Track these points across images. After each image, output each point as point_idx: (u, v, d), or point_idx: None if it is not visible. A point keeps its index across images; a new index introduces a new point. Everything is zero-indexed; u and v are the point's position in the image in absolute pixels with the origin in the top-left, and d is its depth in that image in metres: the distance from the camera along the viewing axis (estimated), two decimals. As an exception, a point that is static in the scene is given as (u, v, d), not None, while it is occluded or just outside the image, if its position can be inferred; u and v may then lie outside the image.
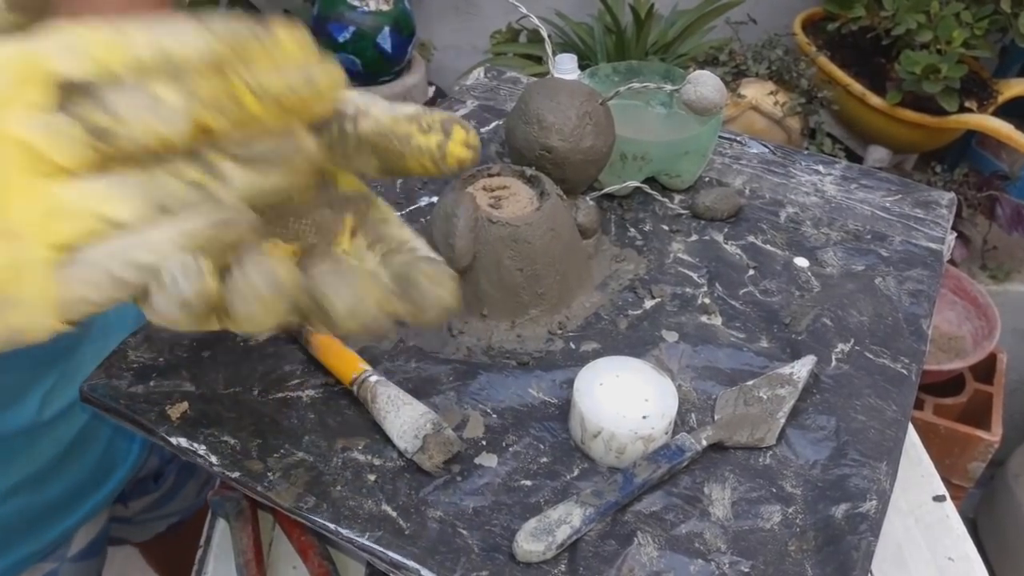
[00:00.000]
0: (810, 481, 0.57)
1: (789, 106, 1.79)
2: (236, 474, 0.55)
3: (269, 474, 0.55)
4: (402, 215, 0.79)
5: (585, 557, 0.52)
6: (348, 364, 0.60)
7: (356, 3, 1.89)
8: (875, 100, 1.77)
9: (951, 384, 1.74)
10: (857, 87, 1.79)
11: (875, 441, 0.60)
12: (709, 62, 1.86)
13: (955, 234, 0.81)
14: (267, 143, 0.30)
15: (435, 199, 0.80)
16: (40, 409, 0.69)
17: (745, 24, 1.98)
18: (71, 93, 0.29)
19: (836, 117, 1.88)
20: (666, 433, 0.57)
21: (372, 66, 1.94)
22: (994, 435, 1.64)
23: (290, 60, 0.30)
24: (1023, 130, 1.66)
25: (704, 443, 0.58)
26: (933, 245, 0.79)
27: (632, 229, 0.79)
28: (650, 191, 0.78)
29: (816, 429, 0.61)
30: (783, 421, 0.60)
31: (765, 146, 0.92)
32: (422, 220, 0.79)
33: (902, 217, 0.83)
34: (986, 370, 1.75)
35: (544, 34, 0.74)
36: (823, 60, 1.84)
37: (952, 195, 0.85)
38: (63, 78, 0.29)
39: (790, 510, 0.55)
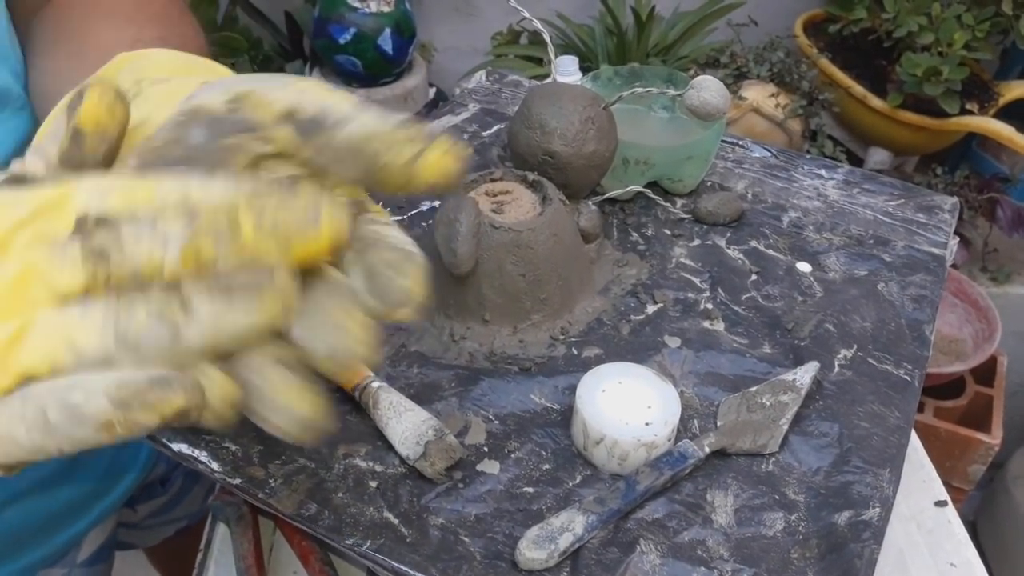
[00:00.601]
0: (813, 488, 0.57)
1: (790, 108, 1.79)
2: (237, 481, 0.55)
3: (271, 481, 0.55)
4: (404, 219, 0.79)
5: (587, 565, 0.52)
6: (350, 370, 0.60)
7: (357, 4, 1.89)
8: (876, 102, 1.77)
9: (951, 387, 1.74)
10: (858, 89, 1.79)
11: (878, 448, 0.60)
12: (710, 64, 1.86)
13: (957, 239, 0.81)
14: (246, 275, 0.29)
15: (437, 203, 0.80)
16: None
17: (746, 26, 1.98)
18: (90, 227, 0.30)
19: (837, 119, 1.88)
20: (669, 440, 0.57)
21: (373, 67, 1.94)
22: (994, 438, 1.64)
23: (300, 199, 0.30)
24: (1024, 132, 1.66)
25: (707, 450, 0.58)
26: (936, 250, 0.79)
27: (634, 234, 0.79)
28: (652, 196, 0.78)
29: (819, 436, 0.61)
30: (786, 428, 0.60)
31: (768, 150, 0.91)
32: (424, 224, 0.78)
33: (904, 222, 0.83)
34: (987, 373, 1.75)
35: (546, 37, 0.74)
36: (824, 62, 1.83)
37: (955, 199, 0.85)
38: (83, 213, 0.30)
39: (793, 517, 0.55)
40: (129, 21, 0.57)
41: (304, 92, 0.36)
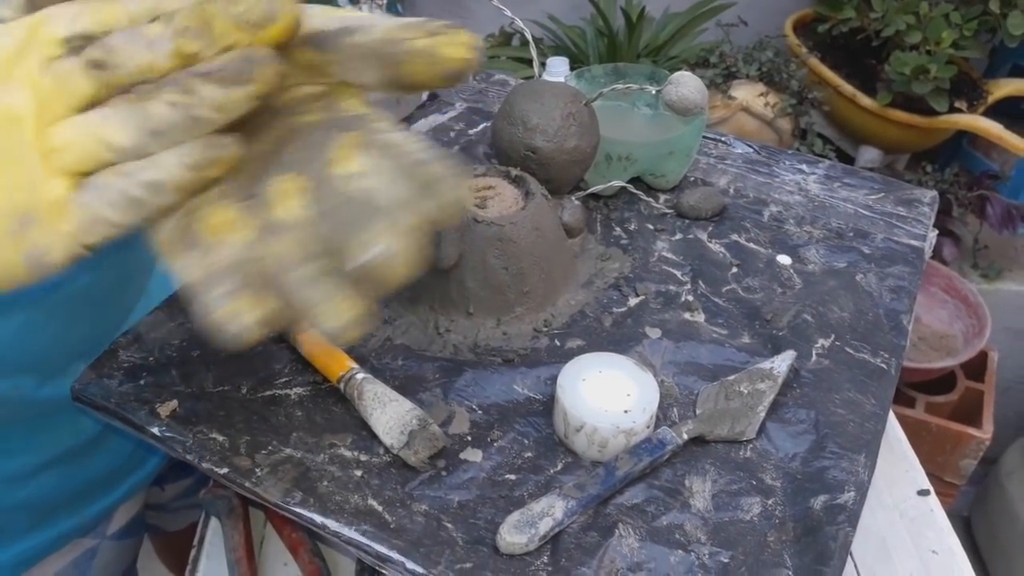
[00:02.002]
0: (789, 473, 0.58)
1: (780, 107, 1.80)
2: (224, 470, 0.56)
3: (257, 470, 0.56)
4: None
5: (567, 549, 0.53)
6: (335, 362, 0.61)
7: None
8: (866, 101, 1.78)
9: (942, 382, 1.75)
10: (848, 88, 1.80)
11: (854, 434, 0.61)
12: (700, 64, 1.87)
13: (936, 231, 0.83)
14: (229, 57, 0.33)
15: None
16: None
17: (736, 26, 1.99)
18: (77, 45, 0.34)
19: (827, 118, 1.89)
20: (648, 427, 0.58)
21: None
22: (985, 432, 1.65)
23: None
24: (1013, 130, 1.68)
25: (685, 437, 0.59)
26: (915, 242, 0.80)
27: (617, 228, 0.80)
28: (635, 191, 0.79)
29: (795, 423, 0.62)
30: (763, 415, 0.61)
31: (750, 146, 0.93)
32: None
33: (884, 215, 0.84)
34: (977, 368, 1.77)
35: (529, 37, 0.75)
36: (814, 61, 1.85)
37: (934, 193, 0.86)
38: (66, 35, 0.34)
39: (769, 502, 0.56)
40: None
41: (325, 12, 0.41)
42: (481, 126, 0.96)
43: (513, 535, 0.52)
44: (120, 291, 0.74)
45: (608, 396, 0.58)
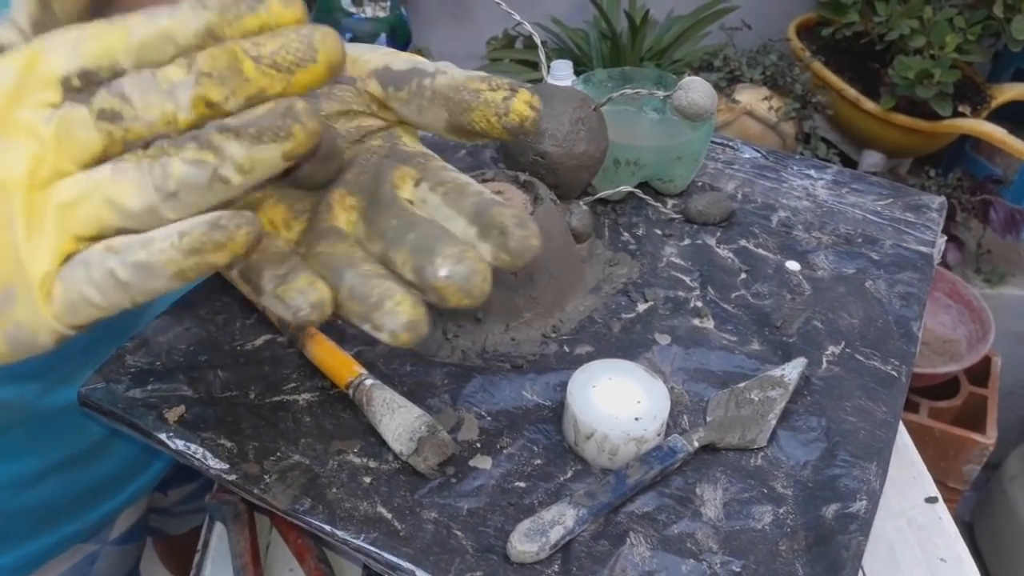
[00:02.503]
0: (800, 482, 0.58)
1: (783, 111, 1.80)
2: (233, 477, 0.56)
3: (265, 477, 0.56)
4: None
5: (578, 557, 0.53)
6: (344, 368, 0.61)
7: (352, 10, 1.90)
8: (869, 105, 1.78)
9: (946, 387, 1.75)
10: (851, 92, 1.80)
11: (865, 442, 0.61)
12: (704, 68, 1.87)
13: (945, 237, 0.82)
14: (263, 112, 0.31)
15: None
16: None
17: (739, 30, 1.99)
18: (76, 85, 0.30)
19: (830, 122, 1.89)
20: (658, 435, 0.58)
21: None
22: (989, 438, 1.65)
23: (286, 27, 0.32)
24: (1016, 134, 1.67)
25: (696, 444, 0.58)
26: (923, 248, 0.80)
27: (625, 233, 0.80)
28: (643, 196, 0.79)
29: (806, 430, 0.61)
30: (774, 423, 0.61)
31: (757, 151, 0.93)
32: None
33: (893, 221, 0.84)
34: (980, 373, 1.76)
35: (537, 41, 0.75)
36: (817, 65, 1.85)
37: (943, 199, 0.86)
38: (64, 72, 0.30)
39: (781, 510, 0.56)
40: None
41: (393, 54, 0.40)
42: None
43: (524, 543, 0.52)
44: None
45: (618, 403, 0.58)
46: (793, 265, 0.77)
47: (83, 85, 0.30)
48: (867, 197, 0.87)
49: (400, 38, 1.98)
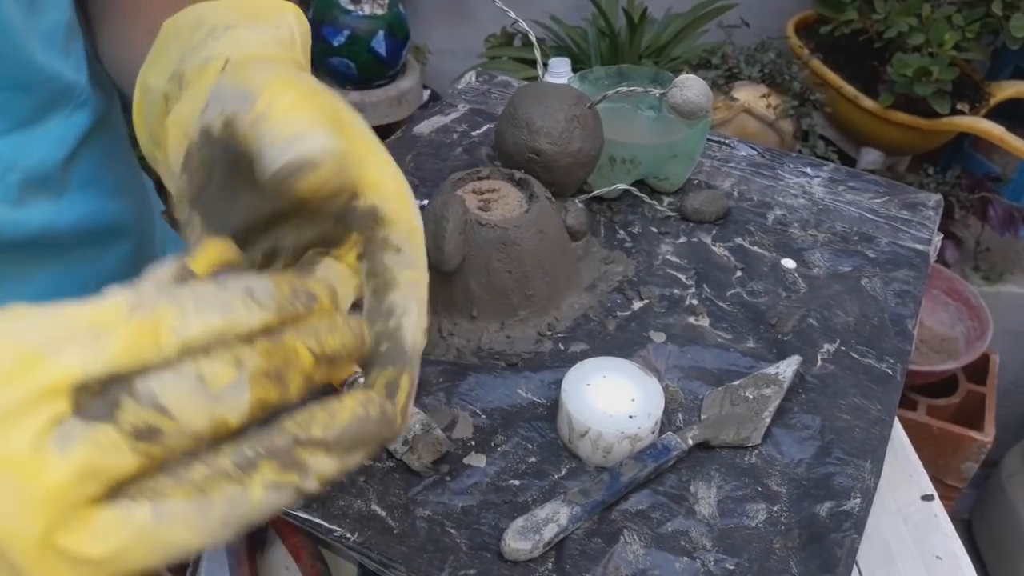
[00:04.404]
0: (795, 479, 0.58)
1: (782, 109, 1.80)
2: None
3: None
4: None
5: (572, 555, 0.53)
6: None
7: (351, 7, 1.90)
8: (867, 102, 1.78)
9: (944, 385, 1.75)
10: (849, 90, 1.80)
11: (859, 440, 0.61)
12: (702, 65, 1.87)
13: (941, 235, 0.82)
14: (353, 420, 0.28)
15: (425, 203, 0.81)
16: None
17: (738, 27, 1.99)
18: (94, 393, 0.24)
19: (829, 120, 1.89)
20: (652, 432, 0.58)
21: (367, 70, 1.95)
22: (987, 435, 1.65)
23: (332, 317, 0.30)
24: (1015, 132, 1.67)
25: (690, 442, 0.58)
26: (919, 246, 0.80)
27: (621, 231, 0.80)
28: (639, 194, 0.79)
29: (801, 428, 0.61)
30: (768, 420, 0.61)
31: (754, 149, 0.93)
32: None
33: (889, 219, 0.84)
34: (979, 371, 1.77)
35: (533, 39, 0.75)
36: (816, 63, 1.85)
37: (939, 197, 0.86)
38: (80, 380, 0.24)
39: (775, 508, 0.56)
40: None
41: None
42: (484, 127, 0.96)
43: (517, 541, 0.52)
44: None
45: (613, 401, 0.58)
46: (789, 263, 0.77)
47: (100, 390, 0.24)
48: (863, 195, 0.87)
49: (398, 35, 1.98)
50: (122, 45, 0.58)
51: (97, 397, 0.24)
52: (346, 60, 1.92)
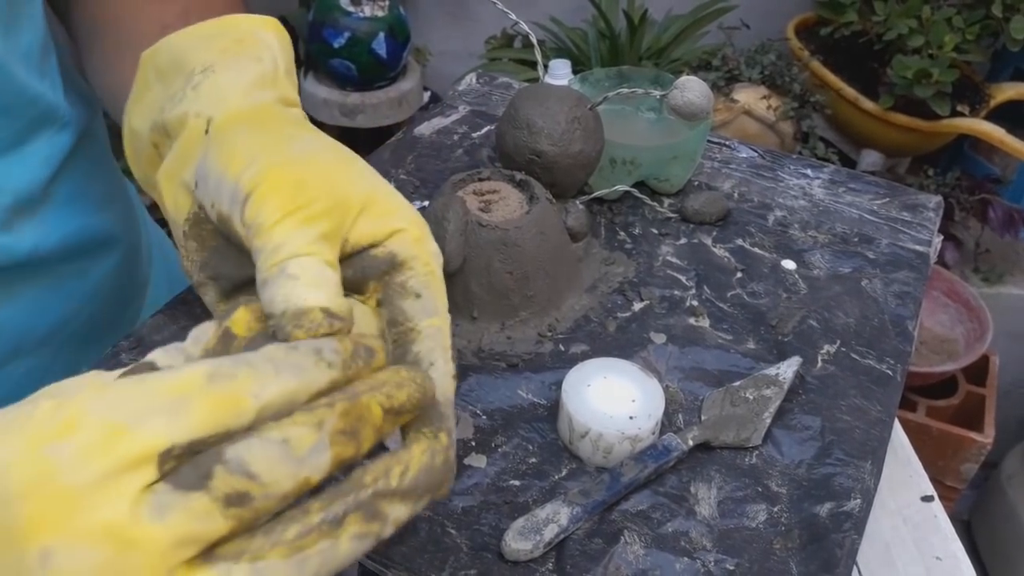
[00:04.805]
0: (795, 480, 0.58)
1: (782, 110, 1.81)
2: None
3: None
4: None
5: (572, 555, 0.53)
6: None
7: (351, 9, 1.91)
8: (868, 104, 1.79)
9: (944, 386, 1.75)
10: (850, 91, 1.81)
11: (860, 441, 0.61)
12: (702, 67, 1.88)
13: (941, 237, 0.82)
14: (423, 469, 0.31)
15: (427, 203, 0.81)
16: None
17: (738, 29, 2.00)
18: (181, 460, 0.26)
19: (829, 121, 1.90)
20: (653, 433, 0.58)
21: (367, 71, 1.96)
22: (987, 436, 1.65)
23: (397, 371, 0.32)
24: (1015, 134, 1.68)
25: (691, 443, 0.59)
26: (919, 247, 0.80)
27: (622, 232, 0.80)
28: (640, 195, 0.79)
29: (801, 429, 0.62)
30: (769, 421, 0.61)
31: (754, 150, 0.93)
32: None
33: (889, 220, 0.84)
34: (979, 372, 1.77)
35: (534, 40, 0.75)
36: (816, 65, 1.85)
37: (939, 198, 0.86)
38: (165, 447, 0.25)
39: (775, 509, 0.56)
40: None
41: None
42: (485, 129, 0.96)
43: (518, 542, 0.52)
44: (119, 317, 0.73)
45: (613, 402, 0.58)
46: (789, 264, 0.77)
47: (186, 457, 0.26)
48: (864, 196, 0.87)
49: (399, 37, 1.98)
50: (108, 75, 0.58)
51: (185, 464, 0.25)
52: (347, 61, 1.93)
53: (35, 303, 0.60)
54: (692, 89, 0.70)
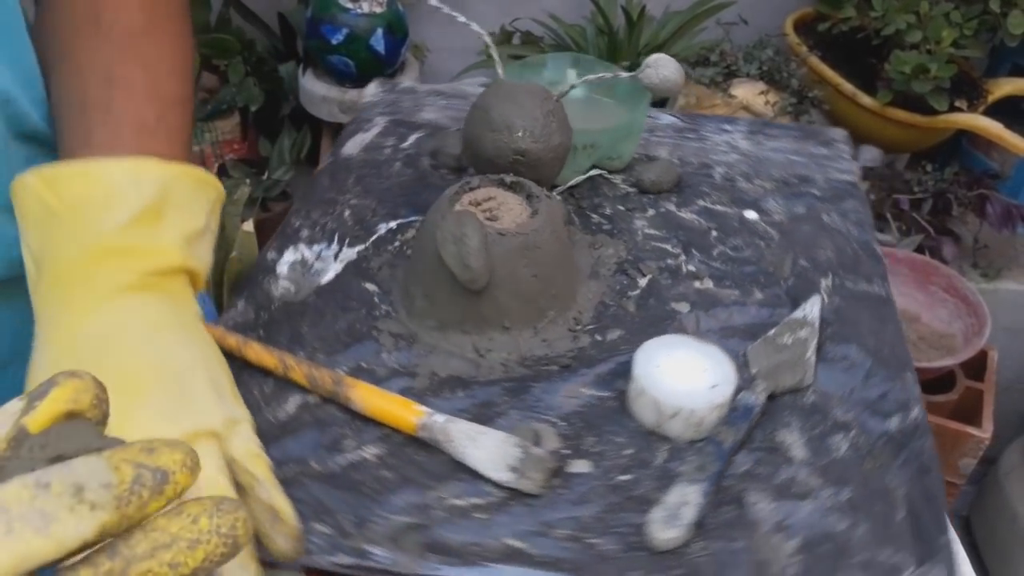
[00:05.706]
0: (856, 406, 0.79)
1: (780, 106, 1.97)
2: (343, 559, 0.59)
3: (374, 549, 0.61)
4: (365, 247, 0.88)
5: (715, 529, 0.67)
6: (405, 410, 0.73)
7: (349, 5, 2.06)
8: (866, 100, 2.00)
9: (942, 381, 1.92)
10: (848, 87, 2.02)
11: (890, 356, 0.83)
12: (700, 62, 2.09)
13: (859, 164, 0.88)
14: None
15: (393, 225, 0.93)
16: None
17: (736, 25, 2.24)
18: None
19: (827, 117, 2.11)
20: (730, 397, 0.63)
21: (365, 68, 2.12)
22: (985, 432, 1.86)
23: (199, 506, 0.32)
24: (1013, 129, 1.86)
25: (763, 396, 0.63)
26: (848, 177, 1.10)
27: (594, 215, 1.05)
28: (609, 176, 1.03)
29: (840, 359, 0.87)
30: (814, 360, 0.69)
31: (674, 115, 1.28)
32: (389, 249, 0.91)
33: (812, 158, 1.16)
34: (977, 367, 1.98)
35: (487, 39, 0.83)
36: (814, 60, 2.03)
37: (844, 131, 1.14)
38: None
39: (852, 434, 0.76)
40: (106, 41, 0.68)
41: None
42: (412, 138, 1.10)
43: (665, 532, 0.68)
44: None
45: (690, 376, 0.77)
46: (751, 215, 1.06)
47: None
48: (783, 140, 1.22)
49: (397, 33, 2.13)
50: (60, 104, 0.69)
51: None
52: (345, 58, 2.10)
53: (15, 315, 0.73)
54: (666, 66, 0.86)
